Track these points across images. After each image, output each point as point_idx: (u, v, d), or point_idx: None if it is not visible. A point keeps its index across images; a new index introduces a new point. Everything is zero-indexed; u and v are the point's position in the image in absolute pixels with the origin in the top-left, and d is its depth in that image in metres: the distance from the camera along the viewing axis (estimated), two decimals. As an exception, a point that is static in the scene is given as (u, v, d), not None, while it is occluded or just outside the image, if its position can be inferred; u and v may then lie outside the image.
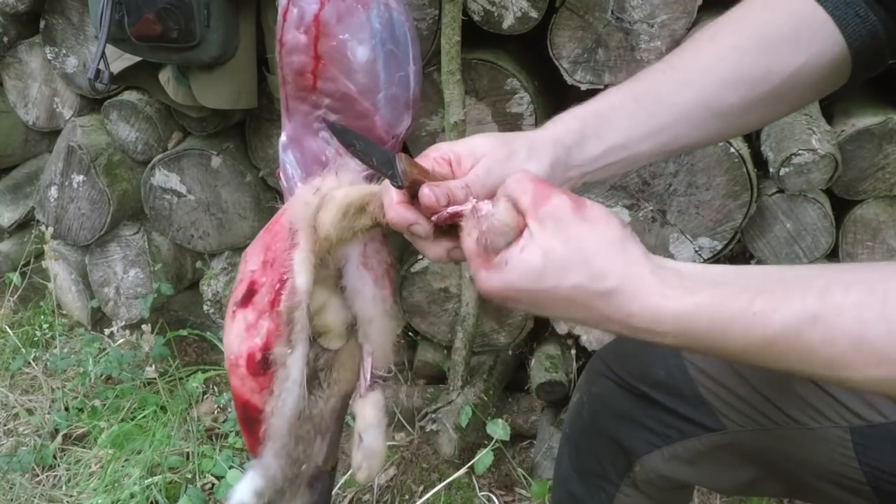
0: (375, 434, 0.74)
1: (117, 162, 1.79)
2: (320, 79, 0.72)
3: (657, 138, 0.70)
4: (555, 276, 0.55)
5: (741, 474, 0.86)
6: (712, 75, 0.69)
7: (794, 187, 1.30)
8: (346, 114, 0.73)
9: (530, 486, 1.53)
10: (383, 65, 0.72)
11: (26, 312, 2.06)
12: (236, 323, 0.70)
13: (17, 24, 1.81)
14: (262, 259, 0.70)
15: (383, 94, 0.73)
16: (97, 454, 1.63)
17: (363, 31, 0.71)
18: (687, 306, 0.53)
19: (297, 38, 0.71)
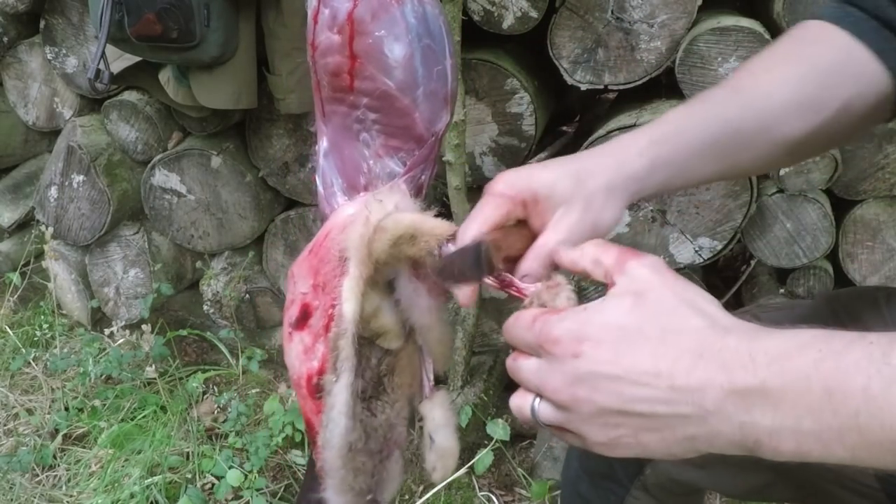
0: (446, 433, 0.73)
1: (117, 162, 1.79)
2: (357, 78, 0.70)
3: (720, 164, 0.69)
4: (656, 314, 0.49)
5: (753, 479, 0.86)
6: (772, 103, 0.69)
7: (794, 187, 1.30)
8: (385, 112, 0.72)
9: (530, 487, 1.53)
10: (421, 60, 0.71)
11: (26, 312, 2.06)
12: (294, 345, 0.72)
13: (17, 24, 1.81)
14: (312, 282, 0.70)
15: (422, 89, 0.71)
16: (97, 454, 1.63)
17: (398, 26, 0.70)
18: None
19: (330, 39, 0.70)
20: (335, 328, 0.67)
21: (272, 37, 1.43)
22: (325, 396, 0.69)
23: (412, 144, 0.72)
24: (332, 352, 0.67)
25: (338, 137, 0.74)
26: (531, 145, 1.47)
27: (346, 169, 0.74)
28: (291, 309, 0.72)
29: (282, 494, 1.55)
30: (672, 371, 0.47)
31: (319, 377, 0.70)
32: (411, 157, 0.72)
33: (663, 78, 1.36)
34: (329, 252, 0.69)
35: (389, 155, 0.73)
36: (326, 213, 0.75)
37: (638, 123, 1.31)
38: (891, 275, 1.42)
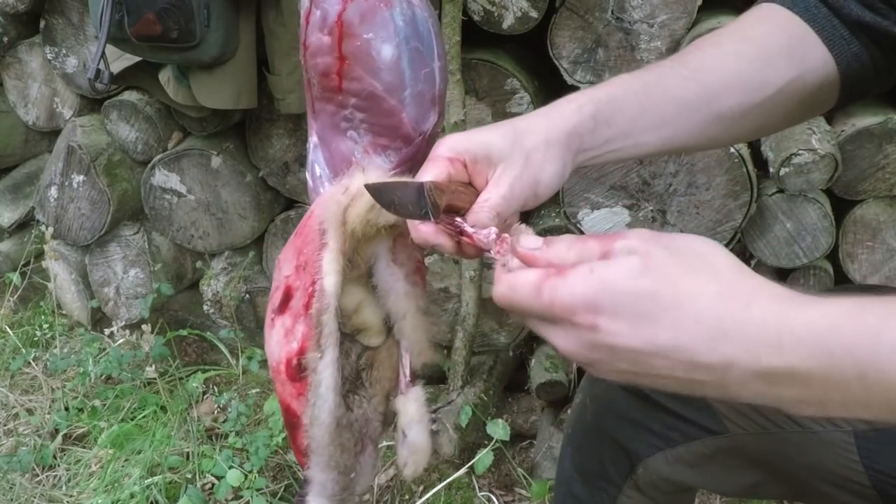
0: (419, 430, 0.73)
1: (117, 162, 1.79)
2: (346, 79, 0.71)
3: (660, 132, 0.69)
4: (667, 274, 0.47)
5: (744, 477, 0.86)
6: (715, 76, 0.70)
7: (794, 187, 1.30)
8: (372, 112, 0.73)
9: (530, 486, 1.53)
10: (408, 62, 0.72)
11: (26, 312, 2.06)
12: (275, 330, 0.71)
13: (17, 24, 1.81)
14: (295, 264, 0.70)
15: (409, 91, 0.72)
16: (97, 454, 1.63)
17: (387, 29, 0.71)
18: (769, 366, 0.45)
19: (321, 40, 0.71)
20: (317, 303, 0.66)
21: (272, 37, 1.43)
22: (310, 374, 0.68)
23: (399, 143, 0.73)
24: (315, 328, 0.67)
25: (326, 133, 0.75)
26: (531, 145, 1.47)
27: (333, 160, 0.76)
28: (275, 296, 0.72)
29: (282, 494, 1.55)
30: (692, 346, 0.46)
31: (300, 357, 0.69)
32: (398, 154, 0.73)
33: (663, 78, 1.36)
34: (312, 231, 0.69)
35: (377, 153, 0.74)
36: (313, 199, 0.76)
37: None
38: (891, 275, 1.42)
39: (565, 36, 1.33)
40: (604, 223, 1.41)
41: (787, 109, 0.73)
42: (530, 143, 0.63)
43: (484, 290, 1.53)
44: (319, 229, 0.68)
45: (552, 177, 0.63)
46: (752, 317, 0.45)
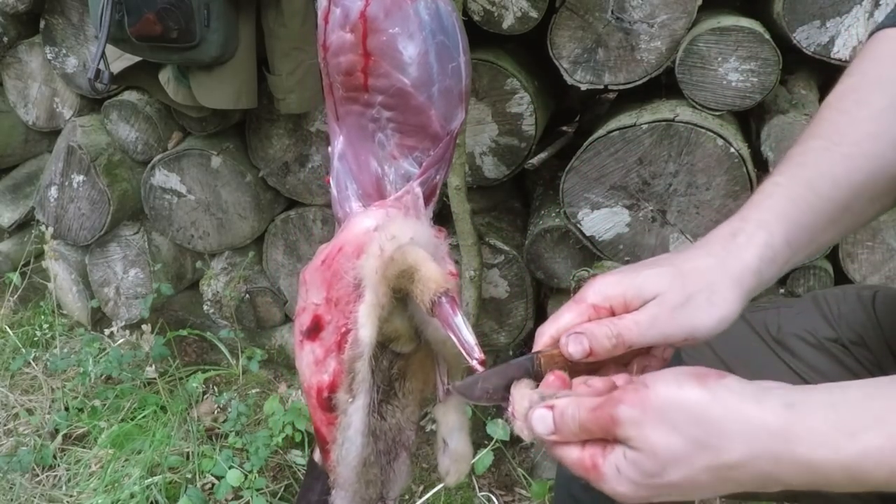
0: (460, 437, 0.73)
1: (117, 162, 1.79)
2: (372, 76, 0.69)
3: (839, 224, 0.64)
4: (676, 468, 0.49)
5: None
6: (880, 143, 0.63)
7: (794, 187, 1.30)
8: (400, 110, 0.71)
9: (530, 487, 1.53)
10: (435, 57, 0.70)
11: (26, 312, 2.06)
12: (305, 353, 0.71)
13: (17, 24, 1.81)
14: (325, 295, 0.69)
15: (437, 86, 0.70)
16: (97, 454, 1.63)
17: (412, 23, 0.69)
18: (851, 455, 0.46)
19: (343, 38, 0.69)
20: (351, 351, 0.66)
21: (272, 37, 1.43)
22: (340, 415, 0.68)
23: (428, 143, 0.71)
24: (348, 374, 0.67)
25: (353, 139, 0.73)
26: (531, 145, 1.47)
27: (360, 174, 0.73)
28: (303, 317, 0.71)
29: (282, 494, 1.55)
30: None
31: (331, 392, 0.69)
32: (426, 156, 0.71)
33: (663, 78, 1.36)
34: (343, 268, 0.68)
35: (404, 155, 0.72)
36: (339, 216, 0.74)
37: (638, 123, 1.31)
38: (891, 275, 1.42)
39: (565, 36, 1.33)
40: (604, 223, 1.41)
41: None
42: (694, 286, 0.58)
43: (484, 290, 1.53)
44: (356, 281, 0.67)
45: (716, 321, 0.58)
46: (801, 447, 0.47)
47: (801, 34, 1.26)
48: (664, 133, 1.31)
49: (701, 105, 1.32)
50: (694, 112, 1.32)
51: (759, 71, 1.26)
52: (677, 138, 1.30)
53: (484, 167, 1.51)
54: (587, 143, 1.36)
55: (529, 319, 1.61)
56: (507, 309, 1.60)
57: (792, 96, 1.38)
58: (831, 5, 1.23)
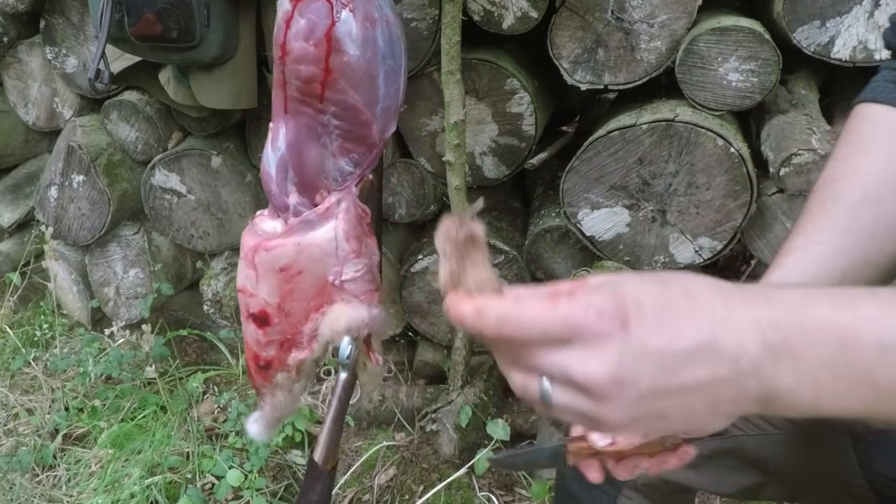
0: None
1: (117, 162, 1.79)
2: (329, 89, 0.79)
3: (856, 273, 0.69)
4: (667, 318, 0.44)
5: (743, 479, 0.86)
6: (856, 234, 0.69)
7: (794, 187, 1.30)
8: (348, 121, 0.82)
9: (530, 487, 1.53)
10: (384, 79, 0.81)
11: (26, 312, 2.06)
12: (249, 328, 0.87)
13: (17, 24, 1.81)
14: (278, 301, 0.84)
15: (381, 105, 0.82)
16: (97, 454, 1.63)
17: (371, 48, 0.78)
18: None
19: (306, 49, 0.77)
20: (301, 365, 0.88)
21: (272, 37, 1.43)
22: (279, 389, 0.88)
23: (364, 149, 0.82)
24: (296, 370, 0.87)
25: (300, 134, 0.84)
26: (531, 145, 1.47)
27: (301, 166, 0.85)
28: (251, 301, 0.85)
29: (282, 494, 1.55)
30: (714, 334, 0.44)
31: (266, 363, 0.87)
32: (362, 158, 0.83)
33: (663, 78, 1.36)
34: (301, 293, 0.84)
35: (343, 155, 0.82)
36: (273, 191, 0.85)
37: (638, 123, 1.31)
38: (891, 275, 1.42)
39: (565, 36, 1.33)
40: (604, 223, 1.41)
41: None
42: None
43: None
44: (312, 332, 0.85)
45: None
46: (747, 309, 0.45)
47: (801, 34, 1.26)
48: (664, 133, 1.31)
49: (701, 105, 1.32)
50: (694, 112, 1.32)
51: (759, 71, 1.26)
52: (677, 138, 1.30)
53: (484, 167, 1.51)
54: (587, 143, 1.36)
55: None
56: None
57: (792, 96, 1.38)
58: (831, 5, 1.23)
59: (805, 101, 1.37)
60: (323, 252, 0.83)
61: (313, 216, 0.83)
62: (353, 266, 0.85)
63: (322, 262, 0.83)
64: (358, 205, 0.86)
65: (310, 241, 0.83)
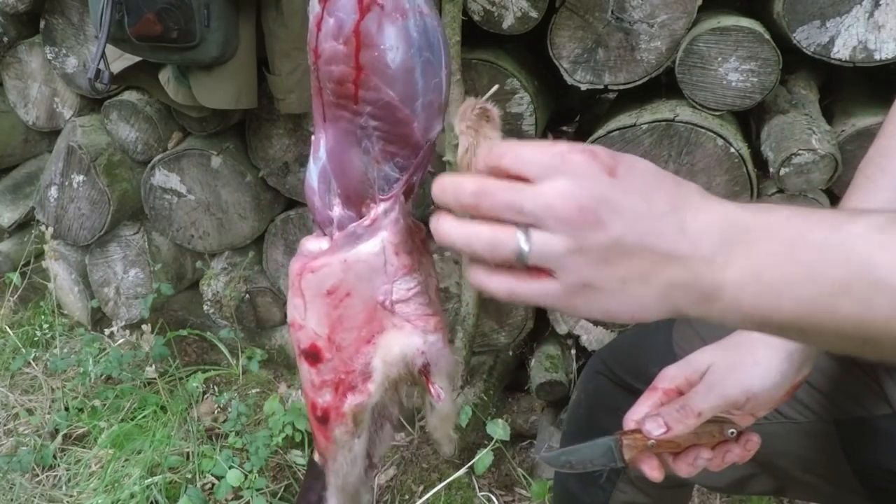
0: (446, 399, 0.82)
1: (117, 162, 1.79)
2: (362, 88, 0.74)
3: None
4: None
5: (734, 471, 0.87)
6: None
7: (794, 187, 1.30)
8: (386, 121, 0.77)
9: (530, 487, 1.53)
10: (421, 73, 0.76)
11: (26, 312, 2.06)
12: (303, 369, 0.79)
13: (17, 24, 1.81)
14: (327, 332, 0.76)
15: (421, 101, 0.76)
16: (97, 454, 1.63)
17: (402, 40, 0.74)
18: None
19: (335, 49, 0.73)
20: (358, 409, 0.76)
21: (272, 37, 1.43)
22: (340, 447, 0.78)
23: (408, 151, 0.75)
24: (352, 420, 0.77)
25: (340, 141, 0.78)
26: (531, 145, 1.47)
27: (343, 175, 0.78)
28: (301, 334, 0.77)
29: (282, 494, 1.55)
30: (685, 214, 0.47)
31: (324, 413, 0.78)
32: (407, 162, 0.76)
33: (663, 78, 1.36)
34: (351, 320, 0.76)
35: (387, 160, 0.76)
36: (318, 206, 0.79)
37: (638, 123, 1.31)
38: None
39: (565, 36, 1.33)
40: (604, 223, 1.41)
41: None
42: (740, 352, 0.69)
43: (484, 290, 1.53)
44: (366, 368, 0.76)
45: (761, 376, 0.68)
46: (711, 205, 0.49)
47: (801, 34, 1.26)
48: (664, 133, 1.31)
49: (701, 105, 1.32)
50: (694, 112, 1.32)
51: (759, 71, 1.26)
52: (677, 138, 1.30)
53: (484, 167, 1.51)
54: (587, 143, 1.36)
55: (529, 319, 1.61)
56: (507, 309, 1.60)
57: (792, 96, 1.38)
58: (831, 5, 1.23)
59: (805, 101, 1.37)
60: (371, 269, 0.75)
61: (359, 228, 0.77)
62: (403, 283, 0.76)
63: (370, 282, 0.75)
64: (408, 216, 0.78)
65: (356, 258, 0.75)
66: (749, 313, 0.45)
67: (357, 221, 0.77)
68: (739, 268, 0.45)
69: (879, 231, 0.42)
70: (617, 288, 0.46)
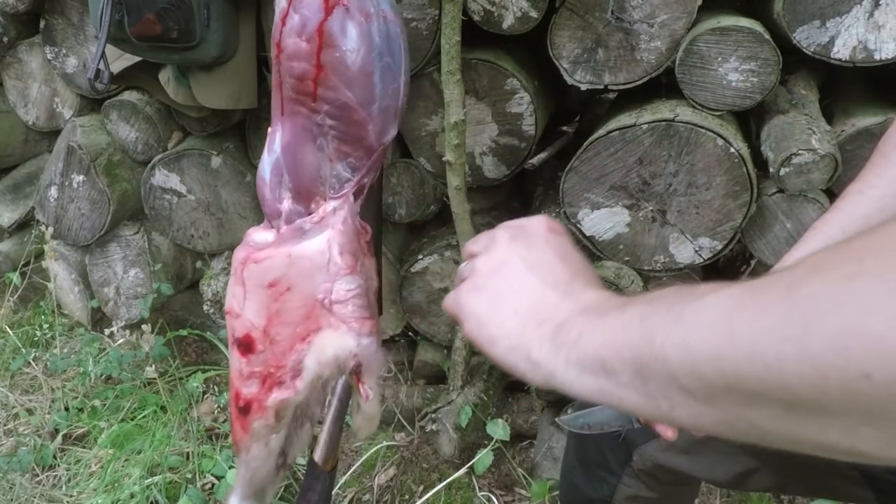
0: (372, 400, 0.81)
1: (117, 162, 1.79)
2: (321, 86, 0.75)
3: None
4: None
5: (737, 465, 0.87)
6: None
7: (794, 187, 1.30)
8: (342, 121, 0.77)
9: (530, 486, 1.53)
10: (380, 77, 0.76)
11: (26, 312, 2.06)
12: (233, 355, 0.78)
13: (17, 24, 1.81)
14: (264, 324, 0.76)
15: (377, 104, 0.77)
16: (97, 454, 1.63)
17: (364, 43, 0.74)
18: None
19: (298, 45, 0.74)
20: (282, 406, 0.77)
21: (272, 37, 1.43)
22: (256, 441, 0.78)
23: (362, 152, 0.77)
24: (274, 415, 0.76)
25: (296, 136, 0.79)
26: (531, 145, 1.47)
27: (296, 170, 0.79)
28: (236, 322, 0.77)
29: (282, 494, 1.55)
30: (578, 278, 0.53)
31: (247, 406, 0.78)
32: (360, 163, 0.77)
33: (663, 78, 1.36)
34: (289, 315, 0.76)
35: (340, 159, 0.77)
36: (267, 197, 0.80)
37: (638, 123, 1.31)
38: None
39: (565, 36, 1.33)
40: (604, 223, 1.41)
41: None
42: None
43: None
44: (296, 364, 0.76)
45: None
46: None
47: (801, 34, 1.26)
48: (664, 133, 1.31)
49: (701, 105, 1.32)
50: (694, 112, 1.32)
51: (759, 71, 1.26)
52: (677, 138, 1.30)
53: (484, 167, 1.51)
54: (587, 143, 1.36)
55: (529, 319, 1.61)
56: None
57: (792, 96, 1.38)
58: (831, 5, 1.23)
59: (805, 101, 1.37)
60: (314, 266, 0.75)
61: (306, 224, 0.78)
62: (344, 284, 0.76)
63: (312, 279, 0.75)
64: (356, 218, 0.79)
65: (301, 253, 0.76)
66: (570, 351, 0.46)
67: (305, 217, 0.78)
68: (584, 314, 0.48)
69: (687, 285, 0.44)
70: (493, 299, 0.54)
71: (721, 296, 0.37)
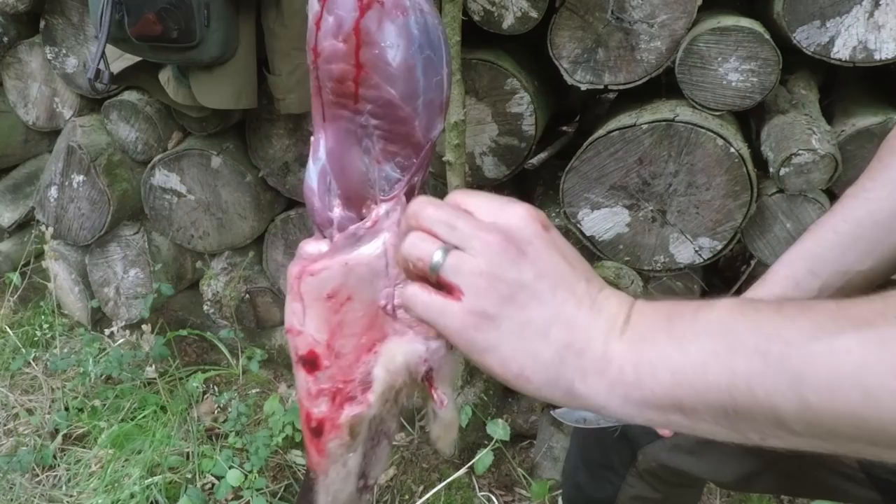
0: (449, 406, 0.78)
1: (117, 162, 1.79)
2: (362, 86, 0.73)
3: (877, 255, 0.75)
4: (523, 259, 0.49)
5: (742, 466, 0.87)
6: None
7: (794, 187, 1.30)
8: (387, 119, 0.75)
9: (530, 486, 1.53)
10: (422, 71, 0.74)
11: (26, 312, 2.06)
12: (299, 377, 0.75)
13: (17, 24, 1.81)
14: (326, 338, 0.73)
15: (422, 99, 0.75)
16: (97, 454, 1.63)
17: (403, 38, 0.73)
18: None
19: (335, 47, 0.72)
20: (355, 421, 0.73)
21: (272, 37, 1.43)
22: (335, 462, 0.75)
23: (409, 150, 0.74)
24: (348, 433, 0.74)
25: (339, 141, 0.76)
26: (531, 145, 1.47)
27: (343, 175, 0.77)
28: (298, 340, 0.74)
29: (282, 494, 1.55)
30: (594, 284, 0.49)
31: (319, 423, 0.75)
32: (408, 161, 0.75)
33: (663, 78, 1.36)
34: (352, 326, 0.73)
35: (387, 160, 0.75)
36: (316, 206, 0.77)
37: (638, 123, 1.31)
38: (891, 275, 1.42)
39: (565, 36, 1.33)
40: (604, 223, 1.41)
41: None
42: None
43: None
44: (365, 377, 0.73)
45: None
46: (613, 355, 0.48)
47: (801, 34, 1.26)
48: (664, 133, 1.31)
49: (701, 105, 1.32)
50: (694, 112, 1.32)
51: (759, 71, 1.26)
52: (677, 138, 1.30)
53: (484, 167, 1.51)
54: (587, 143, 1.36)
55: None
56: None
57: (792, 96, 1.38)
58: (831, 5, 1.23)
59: (805, 101, 1.37)
60: (372, 272, 0.72)
61: (360, 230, 0.74)
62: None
63: (372, 286, 0.72)
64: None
65: (357, 260, 0.73)
66: (629, 390, 0.45)
67: (358, 223, 0.75)
68: (627, 341, 0.46)
69: (741, 305, 0.44)
70: (515, 331, 0.47)
71: (834, 348, 0.38)
